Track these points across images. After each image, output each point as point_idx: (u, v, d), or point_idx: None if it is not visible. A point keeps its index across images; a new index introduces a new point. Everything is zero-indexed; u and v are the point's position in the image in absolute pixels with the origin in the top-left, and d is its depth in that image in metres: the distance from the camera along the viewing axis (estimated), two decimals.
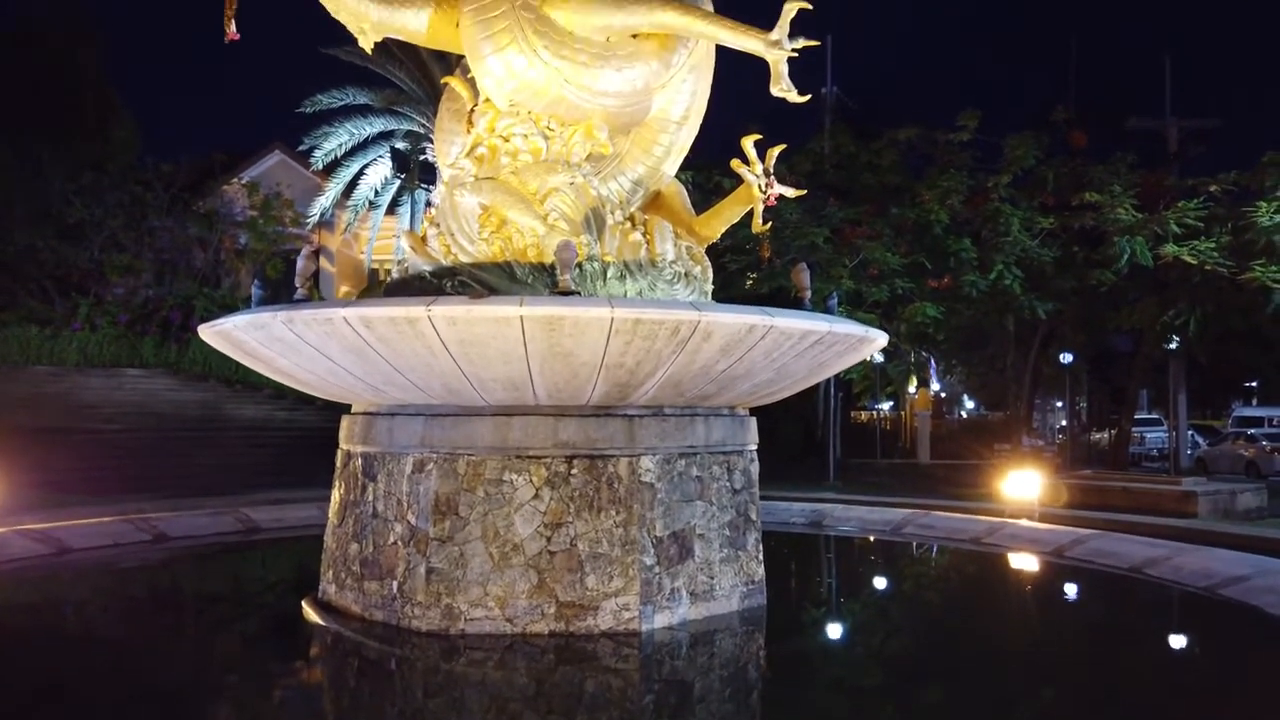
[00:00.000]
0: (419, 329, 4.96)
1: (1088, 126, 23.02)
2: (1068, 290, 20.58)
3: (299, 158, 29.41)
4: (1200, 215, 18.41)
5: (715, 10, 6.65)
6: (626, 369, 5.30)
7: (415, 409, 5.99)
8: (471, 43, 6.30)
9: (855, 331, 6.02)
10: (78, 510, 10.44)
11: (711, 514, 6.24)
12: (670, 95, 6.95)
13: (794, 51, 5.93)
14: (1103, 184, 19.18)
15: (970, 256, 19.30)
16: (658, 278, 6.52)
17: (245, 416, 21.35)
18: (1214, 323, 20.20)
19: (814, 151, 22.57)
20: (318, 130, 25.72)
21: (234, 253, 28.17)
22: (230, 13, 5.55)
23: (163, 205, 25.75)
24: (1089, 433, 34.08)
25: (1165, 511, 12.55)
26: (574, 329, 4.95)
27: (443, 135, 7.29)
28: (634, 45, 6.55)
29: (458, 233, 6.42)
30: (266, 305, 6.02)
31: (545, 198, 6.37)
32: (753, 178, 7.01)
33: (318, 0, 6.24)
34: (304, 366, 5.76)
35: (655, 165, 7.10)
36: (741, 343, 5.31)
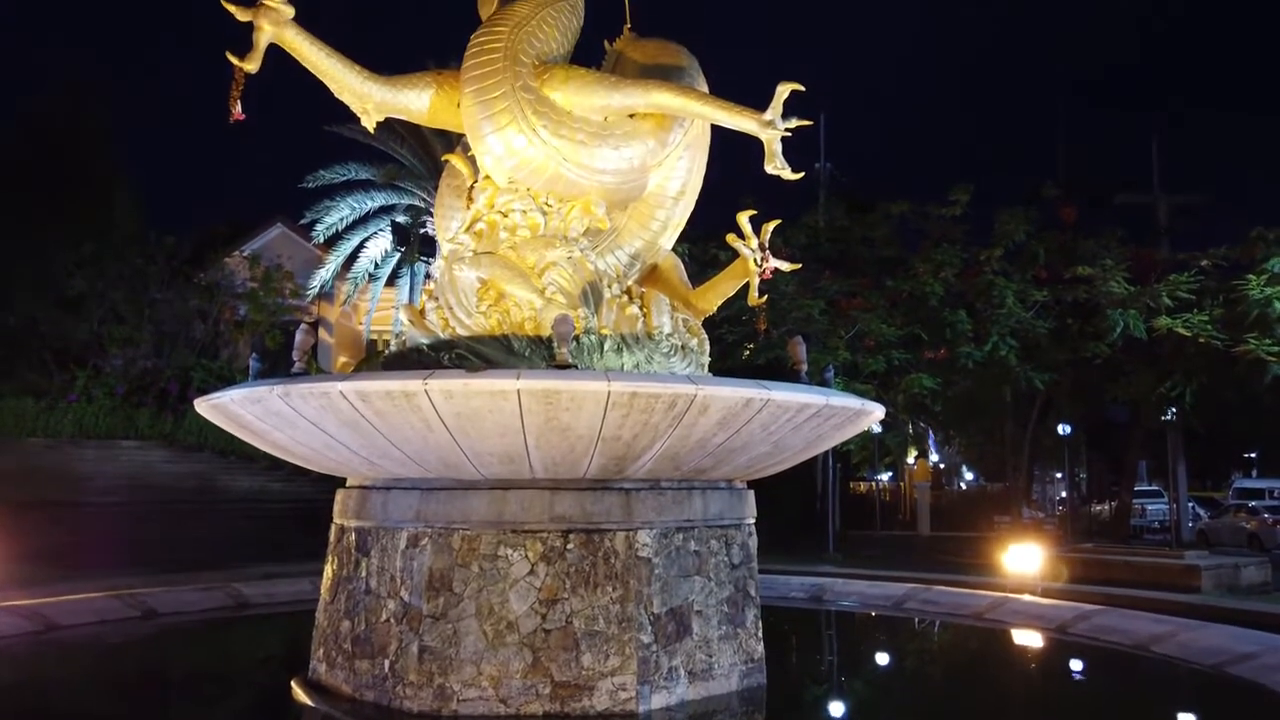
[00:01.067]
0: (415, 403, 4.95)
1: (1077, 201, 23.40)
2: (1063, 362, 20.68)
3: (300, 230, 29.76)
4: (1192, 288, 18.61)
5: (711, 90, 6.83)
6: (623, 442, 5.28)
7: (410, 483, 5.94)
8: (472, 122, 6.43)
9: (852, 404, 6.02)
10: (67, 585, 10.28)
11: (710, 590, 6.15)
12: (667, 172, 7.08)
13: (787, 131, 6.05)
14: (1094, 258, 19.45)
15: (965, 328, 19.44)
16: (655, 350, 6.55)
17: (240, 488, 21.19)
18: (1210, 395, 20.25)
19: (809, 225, 22.90)
20: (320, 204, 26.08)
21: (233, 324, 28.29)
22: (236, 93, 5.67)
23: (164, 277, 25.95)
24: (1089, 504, 33.85)
25: (1168, 586, 12.39)
26: (571, 402, 4.95)
27: (443, 210, 7.39)
28: (631, 124, 6.68)
29: (456, 306, 6.47)
30: (264, 378, 6.03)
31: (543, 272, 6.43)
32: (748, 252, 7.09)
33: (322, 82, 6.38)
34: (300, 440, 5.74)
35: (652, 239, 7.19)
36: (738, 416, 5.30)
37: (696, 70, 7.13)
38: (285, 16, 5.86)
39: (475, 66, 6.37)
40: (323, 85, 6.46)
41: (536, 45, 6.51)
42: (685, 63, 7.11)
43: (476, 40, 6.48)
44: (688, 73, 7.01)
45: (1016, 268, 20.47)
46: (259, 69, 5.80)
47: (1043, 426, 26.51)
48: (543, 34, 6.59)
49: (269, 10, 5.78)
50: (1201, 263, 19.39)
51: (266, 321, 27.66)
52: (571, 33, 6.91)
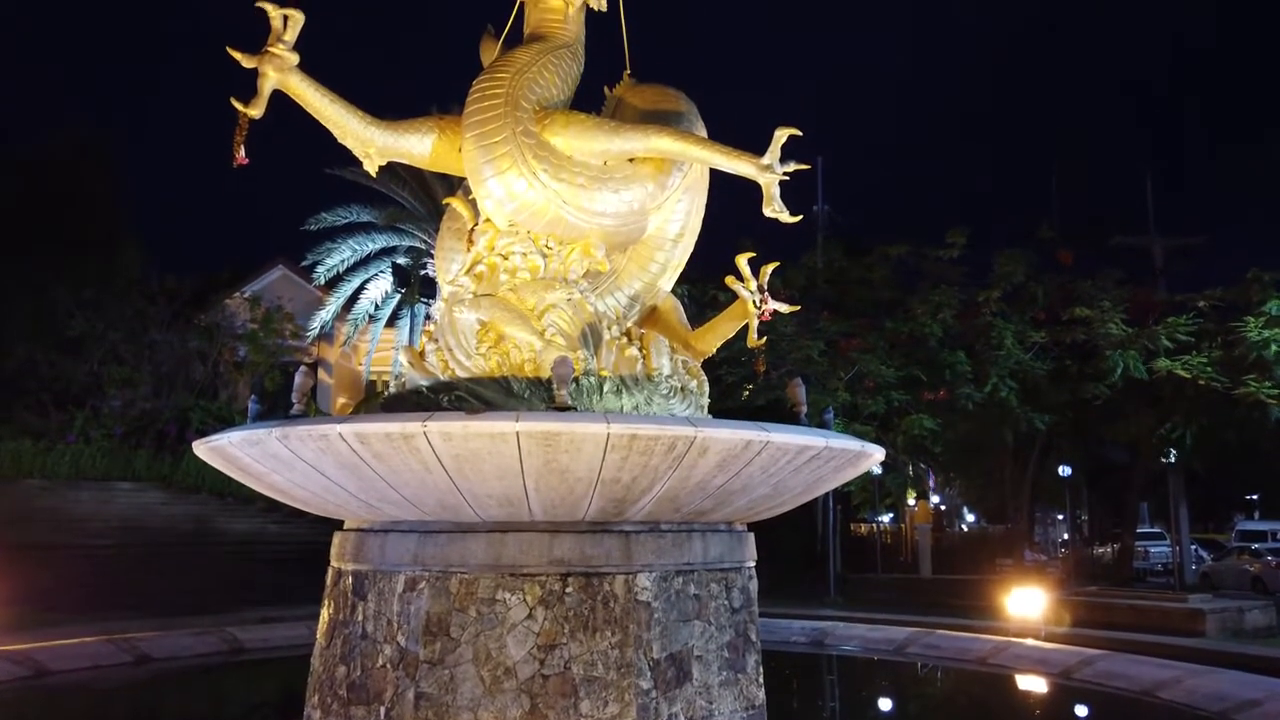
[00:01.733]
0: (414, 445, 4.94)
1: (1073, 243, 23.56)
2: (1062, 403, 20.67)
3: (302, 272, 29.91)
4: (1190, 330, 18.66)
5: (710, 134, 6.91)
6: (623, 484, 5.26)
7: (408, 525, 5.91)
8: (473, 166, 6.49)
9: (852, 447, 6.01)
10: (59, 629, 10.18)
11: (710, 634, 6.09)
12: (666, 214, 7.14)
13: (785, 175, 6.12)
14: (1092, 299, 19.52)
15: (965, 369, 19.46)
16: (654, 392, 6.55)
17: (237, 531, 21.05)
18: (1210, 436, 20.22)
19: (807, 266, 23.03)
20: (321, 246, 26.25)
21: (232, 365, 28.31)
22: (240, 138, 5.74)
23: (164, 319, 26.02)
24: (1091, 547, 33.60)
25: (1173, 630, 12.26)
26: (570, 445, 4.94)
27: (443, 253, 7.44)
28: (630, 168, 6.75)
29: (455, 348, 6.48)
30: (263, 420, 6.02)
31: (543, 314, 6.46)
32: (747, 294, 7.13)
33: (324, 126, 6.46)
34: (298, 483, 5.72)
35: (651, 281, 7.23)
36: (738, 458, 5.29)
37: (695, 115, 7.22)
38: (290, 63, 5.95)
39: (477, 112, 6.45)
40: (325, 129, 6.54)
41: (537, 91, 6.61)
42: (684, 108, 7.21)
43: (478, 86, 6.58)
44: (686, 118, 7.10)
45: (1015, 309, 20.55)
46: (263, 114, 5.88)
47: (1043, 468, 26.41)
48: (544, 80, 6.68)
49: (274, 57, 5.86)
50: (1198, 304, 19.47)
51: (266, 362, 27.69)
52: (572, 79, 7.01)
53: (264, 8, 5.87)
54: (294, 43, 5.91)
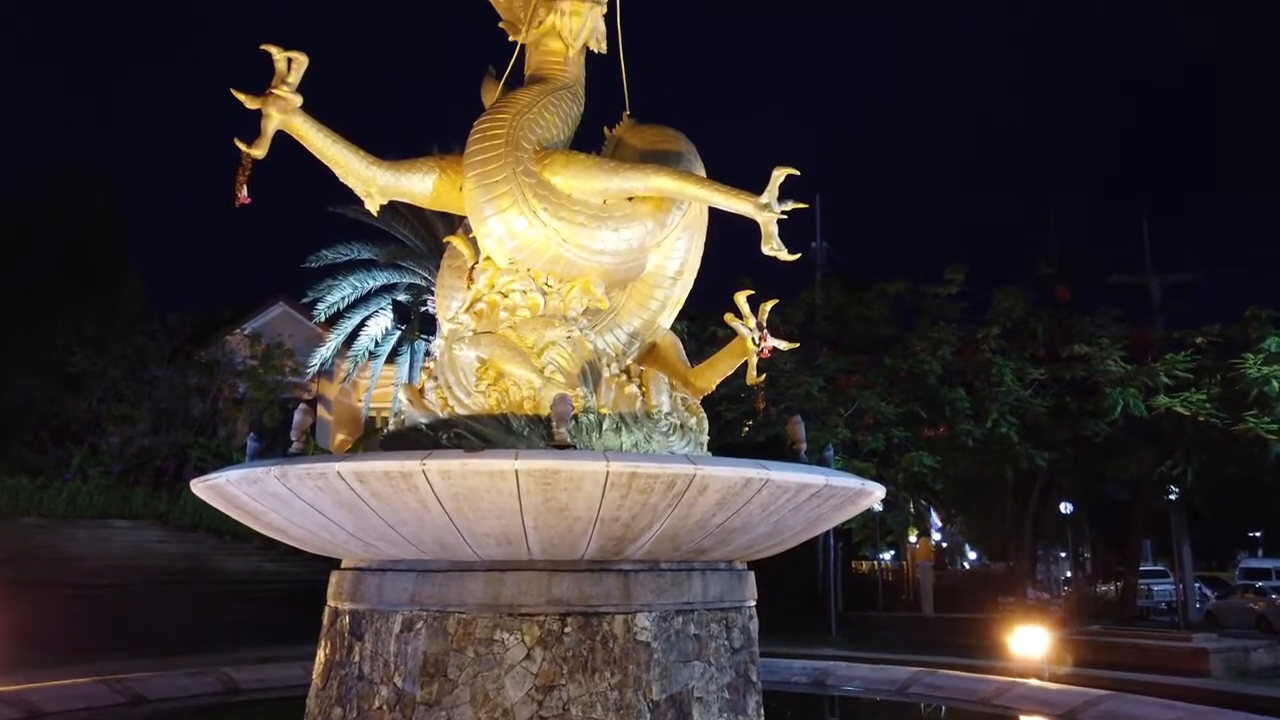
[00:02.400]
0: (413, 483, 4.93)
1: (1071, 280, 23.67)
2: (1063, 440, 20.63)
3: (302, 309, 29.99)
4: (1189, 367, 18.68)
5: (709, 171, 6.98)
6: (622, 523, 5.24)
7: (406, 564, 5.87)
8: (474, 204, 6.55)
9: (852, 484, 5.99)
10: (53, 670, 10.07)
11: (710, 675, 6.02)
12: (665, 252, 7.18)
13: (783, 214, 6.17)
14: (1090, 337, 19.56)
15: (964, 406, 19.45)
16: (653, 430, 6.54)
17: (233, 569, 20.89)
18: (1211, 473, 20.16)
19: (806, 303, 23.11)
20: (322, 283, 26.33)
21: (232, 402, 28.29)
22: (243, 178, 5.79)
23: (165, 355, 26.05)
24: (1094, 585, 33.35)
25: (1177, 670, 12.14)
26: (569, 483, 4.93)
27: (443, 291, 7.47)
28: (630, 207, 6.80)
29: (455, 385, 6.49)
30: (261, 458, 6.00)
31: (542, 351, 6.47)
32: (746, 331, 7.14)
33: (326, 166, 6.52)
34: (296, 522, 5.69)
35: (651, 319, 7.26)
36: (738, 496, 5.27)
37: (694, 155, 7.29)
38: (293, 105, 6.01)
39: (478, 151, 6.52)
40: (327, 168, 6.60)
41: (538, 131, 6.68)
42: (683, 148, 7.28)
43: (479, 126, 6.65)
44: (685, 158, 7.16)
45: (1014, 346, 20.58)
46: (266, 154, 5.93)
47: (1045, 505, 26.30)
48: (544, 120, 6.76)
49: (277, 98, 5.93)
50: (1196, 341, 19.51)
51: (265, 399, 27.68)
52: (572, 119, 7.09)
53: (268, 50, 5.96)
54: (297, 84, 5.99)
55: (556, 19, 7.04)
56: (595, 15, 7.17)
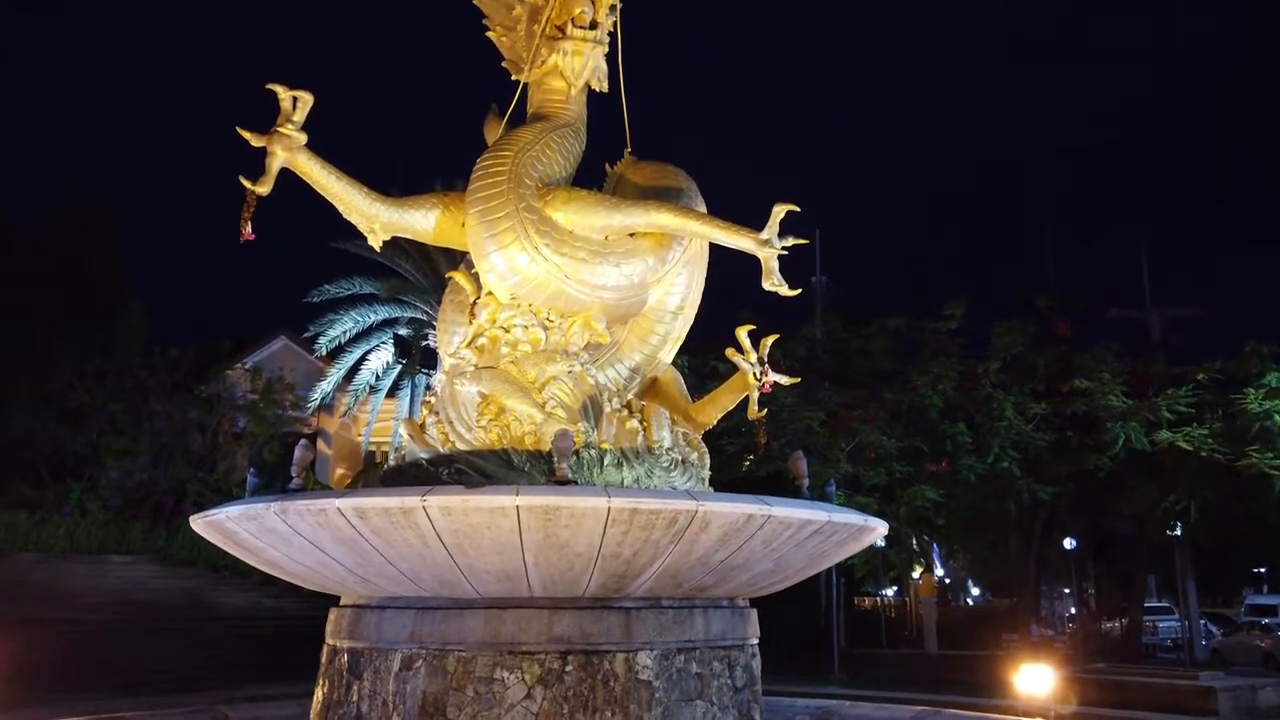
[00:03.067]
0: (413, 519, 4.91)
1: (1070, 314, 23.70)
2: (1065, 475, 20.54)
3: (303, 343, 29.99)
4: (1191, 402, 18.65)
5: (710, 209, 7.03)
6: (623, 559, 5.21)
7: (405, 601, 5.83)
8: (476, 240, 6.59)
9: (855, 521, 5.96)
10: (47, 709, 9.95)
11: (712, 715, 5.95)
12: (666, 288, 7.22)
13: (783, 249, 6.20)
14: (1091, 371, 19.55)
15: (966, 440, 19.38)
16: (655, 465, 6.53)
17: (231, 605, 20.71)
18: (1215, 509, 20.06)
19: (806, 337, 23.11)
20: (324, 318, 26.36)
21: (232, 436, 28.20)
22: (248, 214, 5.84)
23: (165, 390, 26.02)
24: (1099, 622, 33.05)
25: (1185, 709, 11.98)
26: (570, 519, 4.91)
27: (445, 326, 7.49)
28: (631, 243, 6.85)
29: (456, 420, 6.48)
30: (261, 493, 5.98)
31: (543, 386, 6.48)
32: (747, 366, 7.15)
33: (330, 202, 6.57)
34: (295, 558, 5.66)
35: (652, 353, 7.28)
36: (740, 532, 5.25)
37: (695, 192, 7.35)
38: (298, 143, 6.08)
39: (481, 188, 6.57)
40: (330, 204, 6.64)
41: (540, 168, 6.74)
42: (684, 185, 7.34)
43: (482, 164, 6.71)
44: (686, 194, 7.22)
45: (1014, 380, 20.55)
46: (270, 191, 5.98)
47: (1048, 541, 26.13)
48: (546, 158, 6.82)
49: (283, 137, 6.00)
50: (1197, 376, 19.48)
51: (265, 433, 27.60)
52: (574, 156, 7.16)
53: (274, 89, 6.03)
54: (302, 123, 6.05)
55: (559, 59, 7.13)
56: (597, 55, 7.27)
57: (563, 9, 7.14)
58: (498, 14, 7.59)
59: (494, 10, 7.61)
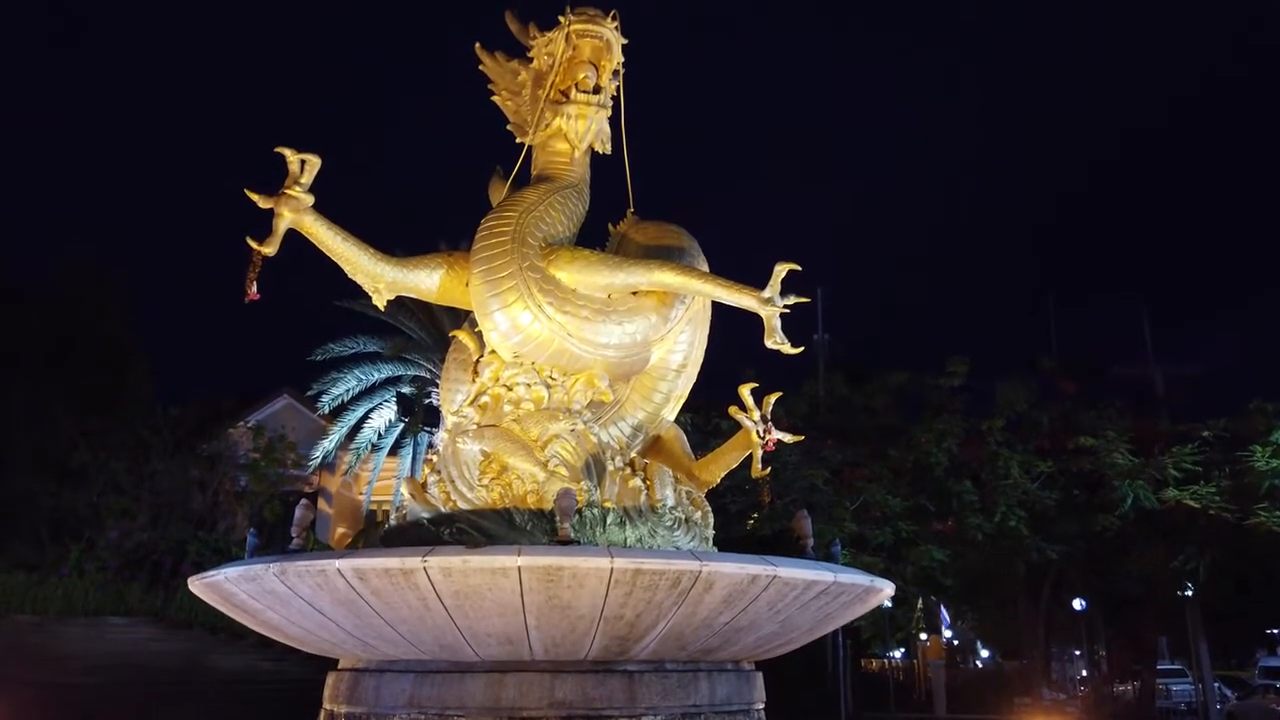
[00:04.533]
0: (413, 580, 4.85)
1: (1073, 372, 23.69)
2: (1073, 534, 20.34)
3: (307, 401, 29.96)
4: (1196, 460, 18.55)
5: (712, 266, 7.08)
6: (626, 621, 5.13)
7: (404, 665, 5.73)
8: (480, 299, 6.63)
9: (861, 581, 5.89)
10: None
11: None
12: (669, 345, 7.25)
13: (785, 308, 6.24)
14: (1095, 429, 19.48)
15: (972, 499, 19.25)
16: (658, 524, 6.47)
17: (227, 668, 20.36)
18: (1226, 568, 19.82)
19: (809, 395, 23.09)
20: (327, 376, 26.39)
21: (233, 495, 28.04)
22: (253, 275, 5.89)
23: (167, 448, 25.94)
24: (1111, 685, 32.41)
25: None
26: (573, 580, 4.85)
27: (448, 384, 7.50)
28: (634, 301, 6.89)
29: (458, 479, 6.45)
30: (261, 553, 5.93)
31: (546, 444, 6.46)
32: (751, 424, 7.13)
33: (335, 262, 6.63)
34: (294, 620, 5.59)
35: (655, 411, 7.27)
36: (744, 593, 5.18)
37: (697, 251, 7.42)
38: (305, 204, 6.16)
39: (485, 248, 6.64)
40: (335, 263, 6.70)
41: (544, 228, 6.82)
42: (686, 244, 7.42)
43: (486, 224, 6.79)
44: (688, 253, 7.29)
45: (1019, 438, 20.48)
46: (276, 251, 6.04)
47: (1057, 601, 25.77)
48: (549, 218, 6.91)
49: (290, 198, 6.08)
50: (1203, 434, 19.41)
51: (266, 492, 27.45)
52: (577, 217, 7.25)
53: (282, 152, 6.12)
54: (310, 184, 6.14)
55: (563, 122, 7.27)
56: (600, 118, 7.40)
57: (567, 74, 7.29)
58: (503, 79, 7.78)
59: (500, 76, 7.80)
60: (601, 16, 7.27)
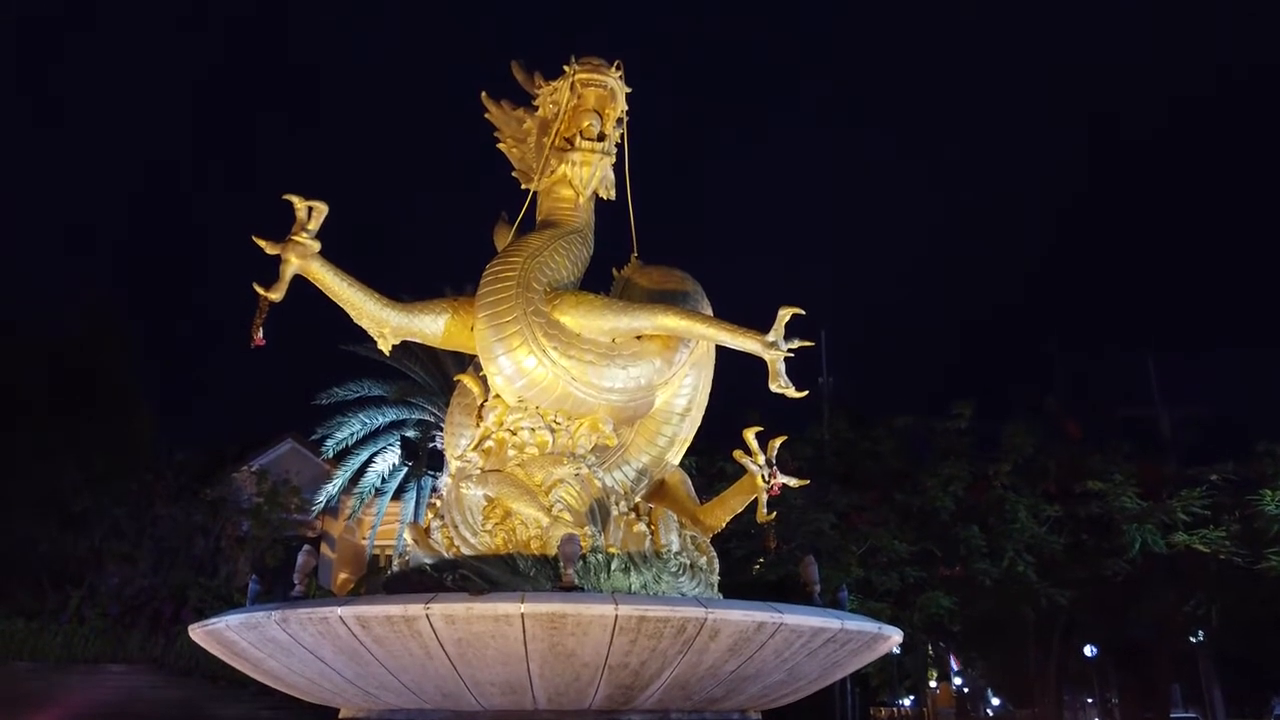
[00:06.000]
0: (416, 628, 4.81)
1: (1078, 414, 23.60)
2: (1083, 578, 20.11)
3: (311, 445, 29.87)
4: (1206, 504, 18.40)
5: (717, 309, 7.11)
6: (631, 670, 5.07)
7: (406, 714, 5.66)
8: (485, 344, 6.65)
9: (869, 628, 5.82)
10: None
11: None
12: (673, 389, 7.25)
13: (790, 352, 6.24)
14: (1103, 472, 19.36)
15: (979, 544, 19.06)
16: (663, 570, 6.42)
17: (228, 717, 20.10)
18: (1237, 614, 19.56)
19: (814, 438, 23.00)
20: (331, 420, 26.36)
21: (235, 540, 27.87)
22: (259, 320, 5.93)
23: (170, 493, 25.85)
24: None
25: None
26: (576, 627, 4.80)
27: (452, 429, 7.49)
28: (638, 345, 6.91)
29: (461, 525, 6.42)
30: (262, 601, 5.89)
31: (550, 489, 6.43)
32: (755, 468, 7.11)
33: (341, 307, 6.67)
34: (295, 669, 5.53)
35: (659, 455, 7.26)
36: (751, 641, 5.12)
37: (700, 294, 7.45)
38: (312, 250, 6.22)
39: (490, 293, 6.68)
40: (341, 308, 6.74)
41: (548, 273, 6.86)
42: (689, 288, 7.45)
43: (491, 269, 6.84)
44: (692, 297, 7.33)
45: (1026, 482, 20.34)
46: (283, 297, 6.09)
47: (1068, 648, 25.39)
48: (554, 263, 6.95)
49: (297, 245, 6.14)
50: (1210, 477, 19.27)
51: (269, 537, 27.27)
52: (582, 262, 7.30)
53: (290, 199, 6.19)
54: (317, 231, 6.20)
55: (568, 168, 7.35)
56: (604, 165, 7.48)
57: (571, 122, 7.39)
58: (509, 127, 7.90)
59: (505, 124, 7.91)
60: (605, 66, 7.38)
